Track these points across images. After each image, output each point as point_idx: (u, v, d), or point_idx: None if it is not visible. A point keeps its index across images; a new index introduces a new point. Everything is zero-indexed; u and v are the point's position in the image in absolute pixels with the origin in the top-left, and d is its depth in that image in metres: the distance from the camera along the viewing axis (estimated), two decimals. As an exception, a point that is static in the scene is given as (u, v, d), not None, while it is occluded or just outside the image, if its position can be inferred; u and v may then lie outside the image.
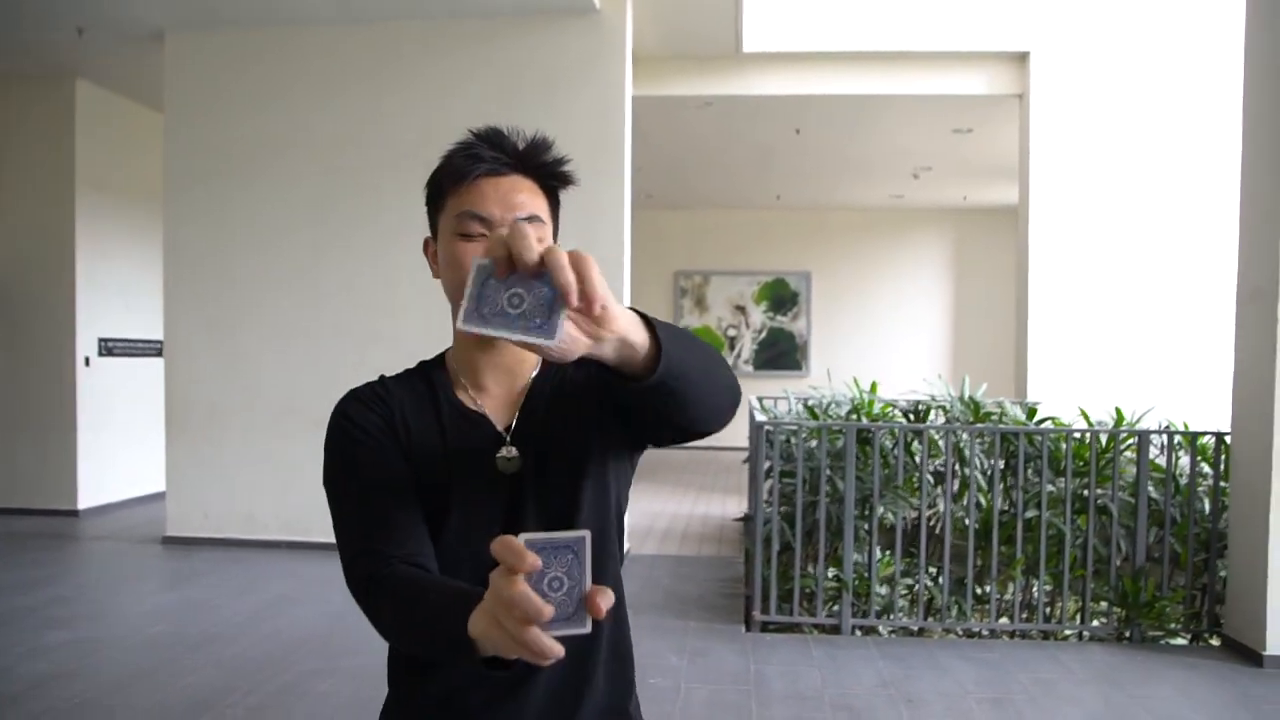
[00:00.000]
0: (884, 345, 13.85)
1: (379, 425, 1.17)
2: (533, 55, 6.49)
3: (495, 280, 0.78)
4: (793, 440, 5.40)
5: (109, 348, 8.16)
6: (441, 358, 1.27)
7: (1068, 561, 4.89)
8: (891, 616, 4.99)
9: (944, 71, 7.87)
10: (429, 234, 1.27)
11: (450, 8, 6.44)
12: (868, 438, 5.18)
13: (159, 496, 7.99)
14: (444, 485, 1.14)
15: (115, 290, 8.25)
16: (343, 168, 6.66)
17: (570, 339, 0.79)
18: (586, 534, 0.78)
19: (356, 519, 1.12)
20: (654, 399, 0.92)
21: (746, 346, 14.11)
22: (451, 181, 1.18)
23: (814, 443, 5.31)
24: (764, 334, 14.08)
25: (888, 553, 5.08)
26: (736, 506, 8.68)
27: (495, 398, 1.20)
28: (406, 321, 6.49)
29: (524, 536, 0.76)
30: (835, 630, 4.95)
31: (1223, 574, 4.89)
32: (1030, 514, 4.99)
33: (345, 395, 1.21)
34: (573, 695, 1.16)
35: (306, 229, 6.70)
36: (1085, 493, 4.98)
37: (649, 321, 0.88)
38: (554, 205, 1.22)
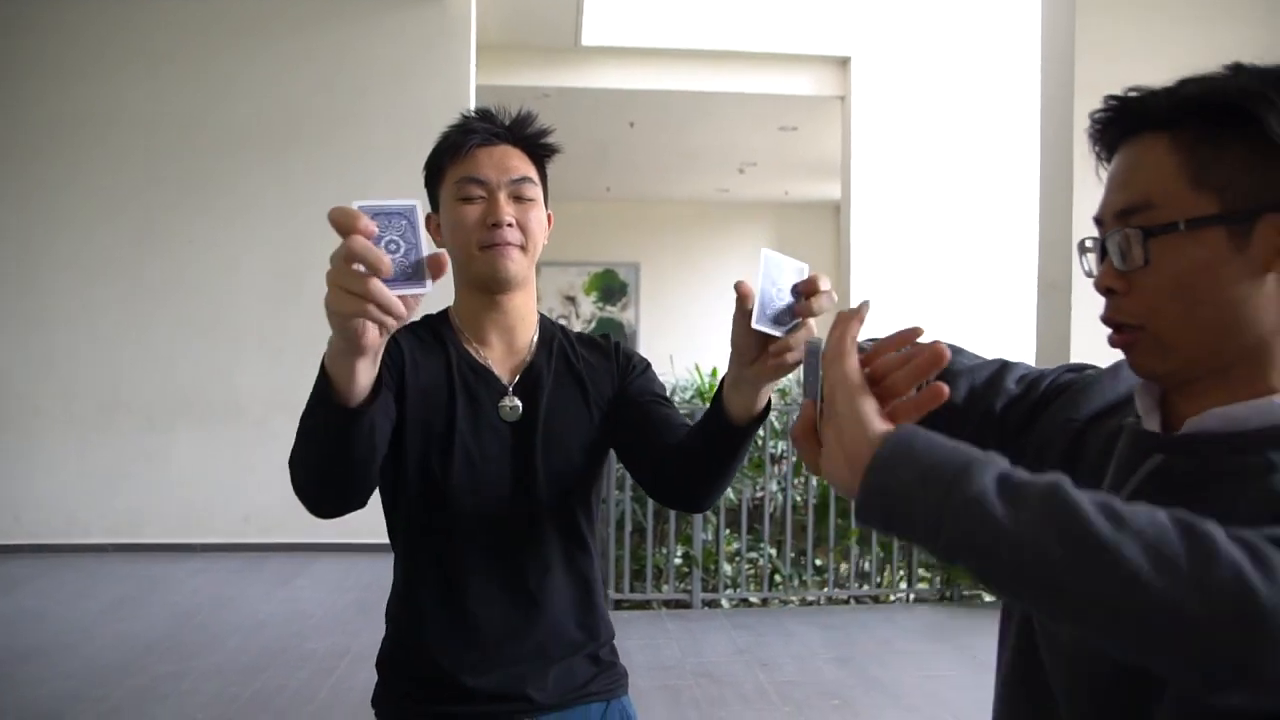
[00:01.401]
0: (711, 334, 14.18)
1: (390, 350, 1.24)
2: (377, 39, 6.37)
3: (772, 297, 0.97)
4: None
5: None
6: (445, 313, 1.37)
7: (896, 531, 5.30)
8: (738, 590, 5.27)
9: (772, 72, 8.25)
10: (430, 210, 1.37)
11: (289, -14, 6.25)
12: (714, 421, 5.42)
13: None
14: (450, 426, 1.25)
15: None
16: (170, 149, 6.31)
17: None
18: (416, 203, 0.88)
19: None
20: (724, 443, 1.12)
21: (578, 336, 14.27)
22: (449, 155, 1.30)
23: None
24: (594, 324, 14.27)
25: (728, 531, 5.35)
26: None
27: (497, 351, 1.33)
28: (246, 309, 6.26)
29: (356, 203, 0.85)
30: (686, 605, 5.17)
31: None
32: (863, 488, 5.36)
33: None
34: (528, 619, 1.28)
35: (128, 214, 6.32)
36: (910, 467, 5.40)
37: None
38: (542, 172, 1.36)
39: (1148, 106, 0.80)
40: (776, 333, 0.97)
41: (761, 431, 5.58)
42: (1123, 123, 0.83)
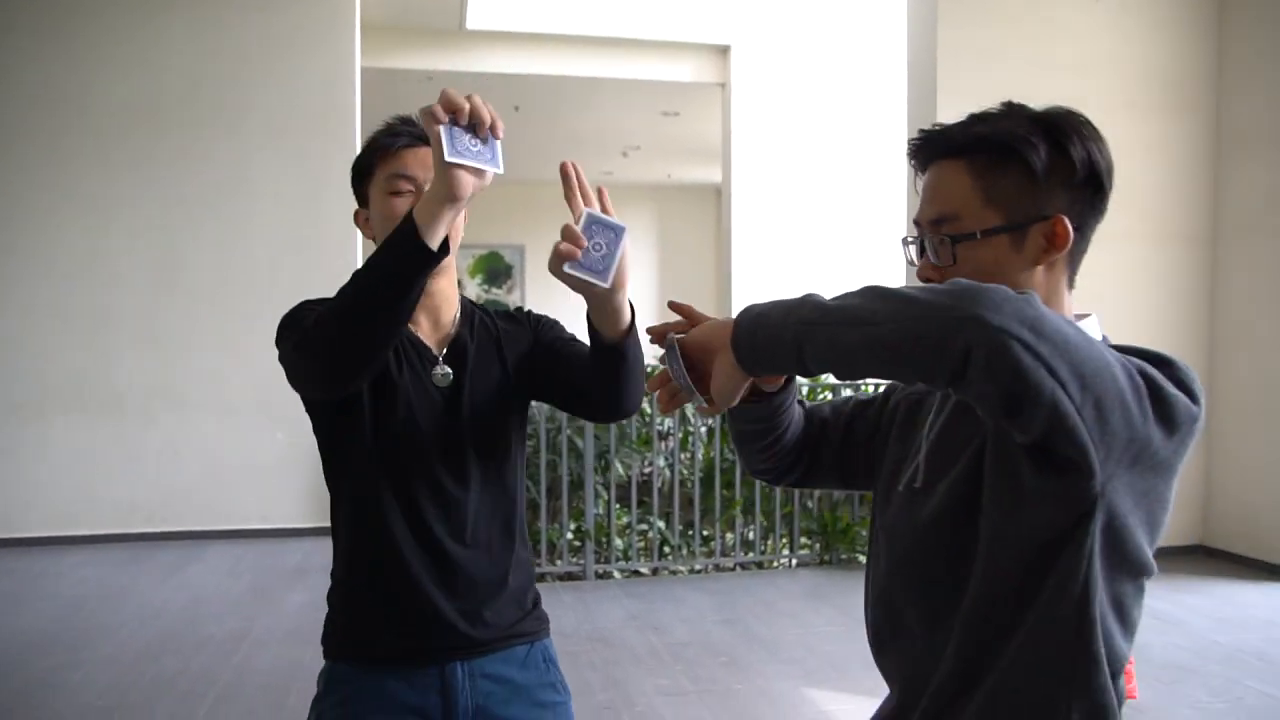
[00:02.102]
0: (597, 315, 14.46)
1: None
2: (257, 17, 6.27)
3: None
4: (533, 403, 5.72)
5: None
6: None
7: (778, 501, 5.61)
8: (629, 561, 5.49)
9: (655, 59, 8.46)
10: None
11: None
12: (604, 399, 5.62)
13: None
14: (394, 383, 1.43)
15: None
16: (35, 130, 6.07)
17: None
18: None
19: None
20: (612, 359, 1.31)
21: (464, 319, 14.27)
22: (379, 155, 1.48)
23: (555, 406, 5.67)
24: (480, 306, 14.30)
25: (618, 505, 5.56)
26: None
27: (425, 328, 1.51)
28: (120, 296, 6.12)
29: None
30: (579, 578, 5.36)
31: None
32: (746, 461, 5.65)
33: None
34: (462, 567, 1.46)
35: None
36: (790, 440, 5.71)
37: (632, 312, 1.29)
38: None
39: (948, 138, 1.07)
40: (592, 279, 1.15)
41: (648, 408, 5.80)
42: (930, 149, 1.08)
